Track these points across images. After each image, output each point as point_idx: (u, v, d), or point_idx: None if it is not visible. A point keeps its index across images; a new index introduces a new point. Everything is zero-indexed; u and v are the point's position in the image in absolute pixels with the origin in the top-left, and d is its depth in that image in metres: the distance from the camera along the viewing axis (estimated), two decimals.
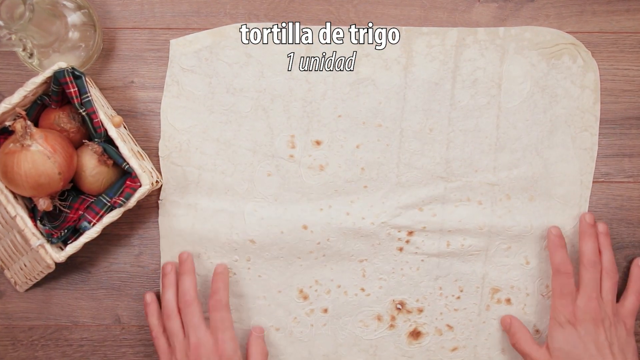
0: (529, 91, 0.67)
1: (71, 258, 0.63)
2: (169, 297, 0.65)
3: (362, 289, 0.69)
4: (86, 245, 0.61)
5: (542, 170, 0.68)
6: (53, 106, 0.62)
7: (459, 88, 0.67)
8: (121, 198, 0.61)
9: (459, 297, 0.69)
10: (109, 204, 0.62)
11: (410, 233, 0.68)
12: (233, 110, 0.67)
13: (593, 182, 0.69)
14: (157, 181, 0.63)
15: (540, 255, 0.69)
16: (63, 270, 0.69)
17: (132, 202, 0.61)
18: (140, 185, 0.61)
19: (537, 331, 0.69)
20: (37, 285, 0.69)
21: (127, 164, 0.61)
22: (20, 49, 0.60)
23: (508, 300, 0.69)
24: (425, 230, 0.68)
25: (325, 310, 0.69)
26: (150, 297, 0.67)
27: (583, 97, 0.68)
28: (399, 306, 0.69)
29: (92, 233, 0.61)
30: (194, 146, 0.67)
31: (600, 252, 0.65)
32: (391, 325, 0.69)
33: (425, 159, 0.68)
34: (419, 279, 0.69)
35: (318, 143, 0.68)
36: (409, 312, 0.69)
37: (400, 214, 0.68)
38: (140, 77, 0.68)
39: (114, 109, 0.68)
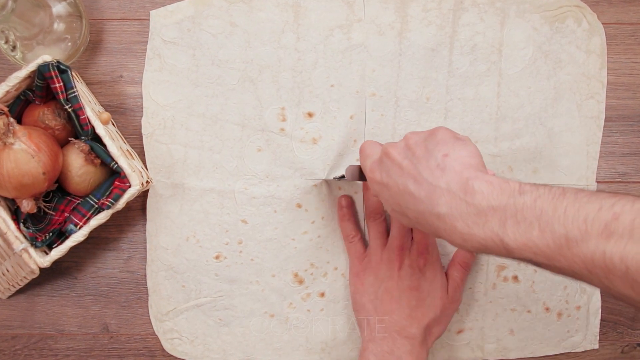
0: (532, 57, 0.65)
1: (56, 263, 0.61)
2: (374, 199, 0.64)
3: None
4: (72, 249, 0.60)
5: (546, 140, 0.65)
6: (37, 102, 0.61)
7: (457, 54, 0.64)
8: (109, 199, 0.59)
9: None
10: (96, 206, 0.60)
11: None
12: (219, 83, 0.65)
13: (609, 182, 0.67)
14: (147, 181, 0.62)
15: None
16: (48, 275, 0.67)
17: (121, 203, 0.59)
18: (129, 186, 0.59)
19: (547, 309, 0.66)
20: (20, 291, 0.67)
21: (116, 163, 0.59)
22: (3, 42, 0.59)
23: (515, 278, 0.66)
24: None
25: (322, 295, 0.66)
26: (345, 201, 0.65)
27: (589, 62, 0.65)
28: None
29: (78, 236, 0.59)
30: (178, 122, 0.65)
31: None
32: None
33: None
34: None
35: (310, 115, 0.65)
36: None
37: None
38: (129, 71, 0.66)
39: (102, 105, 0.66)
